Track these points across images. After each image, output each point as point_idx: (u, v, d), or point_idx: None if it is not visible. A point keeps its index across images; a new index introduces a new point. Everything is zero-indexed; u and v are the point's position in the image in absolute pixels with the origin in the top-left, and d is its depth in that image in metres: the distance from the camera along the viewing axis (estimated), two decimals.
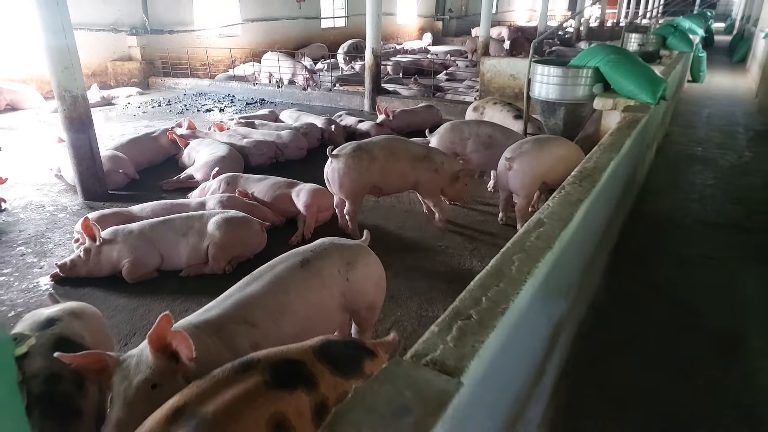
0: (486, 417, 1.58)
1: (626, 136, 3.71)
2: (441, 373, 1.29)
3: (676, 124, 9.28)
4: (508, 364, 1.73)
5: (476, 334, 1.46)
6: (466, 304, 1.61)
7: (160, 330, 1.78)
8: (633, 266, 4.27)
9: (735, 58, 18.66)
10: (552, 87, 5.22)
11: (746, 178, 6.44)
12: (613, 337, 3.36)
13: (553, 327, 2.35)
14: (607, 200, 3.33)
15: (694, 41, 13.97)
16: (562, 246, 2.13)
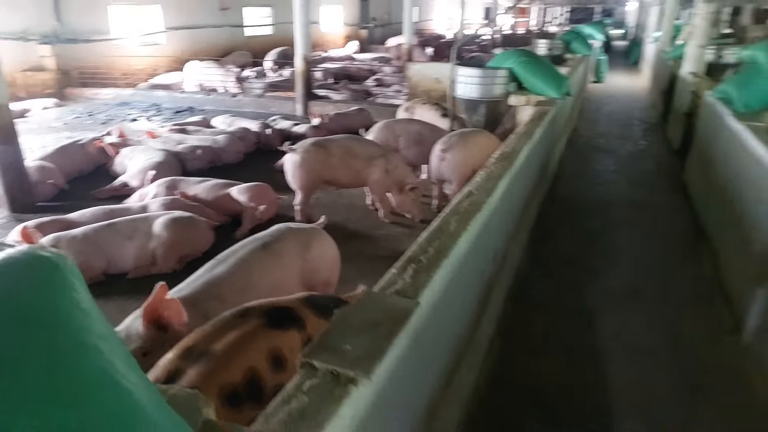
0: (440, 335, 1.95)
1: (537, 126, 4.27)
2: (403, 298, 1.64)
3: (583, 119, 10.28)
4: (454, 299, 2.11)
5: (427, 272, 1.82)
6: (417, 253, 1.97)
7: (156, 301, 1.99)
8: (549, 240, 4.86)
9: (630, 60, 20.66)
10: (473, 87, 5.76)
11: (641, 164, 7.36)
12: (534, 299, 3.87)
13: (485, 283, 2.77)
14: (524, 180, 3.84)
15: (595, 46, 15.41)
16: (489, 211, 2.55)
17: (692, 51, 8.27)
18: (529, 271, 4.28)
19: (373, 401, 1.33)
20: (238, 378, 1.59)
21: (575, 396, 2.90)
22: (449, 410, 2.28)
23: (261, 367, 1.65)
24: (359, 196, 5.47)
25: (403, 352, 1.50)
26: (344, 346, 1.38)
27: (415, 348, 1.63)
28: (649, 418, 2.73)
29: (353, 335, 1.43)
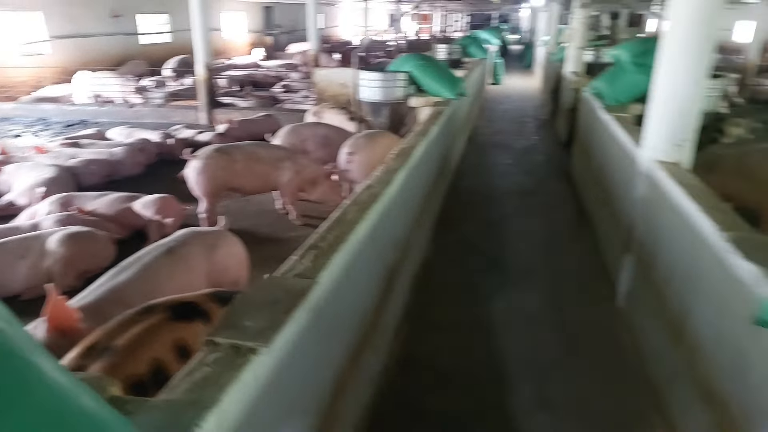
0: (343, 315, 2.10)
1: (433, 124, 4.57)
2: (302, 279, 1.77)
3: (482, 118, 10.94)
4: (356, 282, 2.27)
5: (326, 256, 1.96)
6: (318, 240, 2.11)
7: (54, 305, 1.96)
8: (453, 229, 5.19)
9: (525, 63, 22.18)
10: (375, 90, 6.01)
11: (533, 157, 8.02)
12: (439, 283, 4.15)
13: (388, 269, 2.96)
14: (422, 174, 4.10)
15: (491, 50, 16.42)
16: (387, 202, 2.74)
17: (572, 52, 9.13)
18: (435, 257, 4.57)
19: (275, 368, 1.45)
20: (142, 369, 1.64)
21: (473, 366, 3.18)
22: (358, 386, 2.43)
23: (166, 359, 1.71)
24: (268, 202, 5.50)
25: (303, 326, 1.63)
26: (245, 323, 1.48)
27: (317, 323, 1.77)
28: (537, 379, 3.06)
29: (253, 313, 1.54)
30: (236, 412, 1.25)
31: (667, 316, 2.79)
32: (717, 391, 2.14)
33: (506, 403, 2.86)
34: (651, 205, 3.33)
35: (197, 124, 9.35)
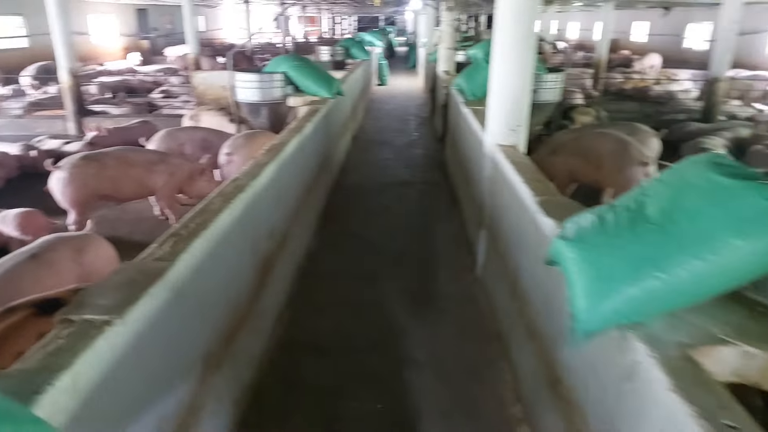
0: (209, 296, 2.26)
1: (307, 122, 4.81)
2: (160, 261, 1.91)
3: (368, 118, 11.38)
4: (220, 267, 2.43)
5: (185, 242, 2.12)
6: (179, 228, 2.25)
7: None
8: (337, 221, 5.48)
9: (409, 64, 23.16)
10: (253, 91, 6.09)
11: (413, 151, 8.56)
12: (323, 270, 4.40)
13: (262, 257, 3.15)
14: (297, 168, 4.32)
15: (374, 52, 17.00)
16: (254, 193, 2.93)
17: (443, 53, 9.84)
18: (319, 247, 4.81)
19: (133, 339, 1.60)
20: (8, 364, 1.69)
21: (351, 339, 3.47)
22: (235, 367, 2.60)
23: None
24: (146, 209, 5.39)
25: (162, 303, 1.79)
26: (99, 301, 1.61)
27: (179, 302, 1.93)
28: (406, 344, 3.42)
29: (108, 293, 1.67)
30: (92, 375, 1.39)
31: (507, 277, 3.27)
32: (537, 327, 2.60)
33: (378, 368, 3.18)
34: (494, 183, 3.84)
35: (64, 134, 8.75)
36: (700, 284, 1.55)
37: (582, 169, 5.18)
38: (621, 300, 1.59)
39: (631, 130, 5.82)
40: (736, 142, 8.15)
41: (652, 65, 20.20)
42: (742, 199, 1.53)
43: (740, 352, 1.51)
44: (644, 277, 1.57)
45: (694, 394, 1.32)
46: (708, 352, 1.51)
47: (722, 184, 1.59)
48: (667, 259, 1.56)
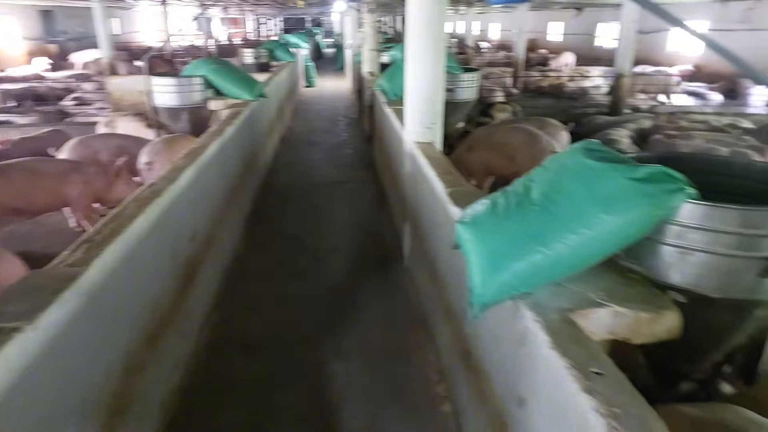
0: (127, 300, 2.25)
1: (229, 125, 4.79)
2: (72, 267, 1.90)
3: (296, 120, 11.35)
4: (138, 271, 2.42)
5: (99, 247, 2.11)
6: (92, 234, 2.23)
7: None
8: (266, 222, 5.49)
9: (337, 66, 23.22)
10: (172, 95, 5.96)
11: (343, 151, 8.66)
12: (252, 270, 4.42)
13: (184, 261, 3.14)
14: (220, 171, 4.31)
15: (301, 53, 16.93)
16: (171, 197, 2.92)
17: (366, 54, 10.01)
18: (247, 247, 4.82)
19: (47, 345, 1.59)
20: None
21: (280, 335, 3.53)
22: (160, 369, 2.60)
23: None
24: (61, 221, 5.15)
25: (76, 308, 1.79)
26: (7, 308, 1.60)
27: (94, 307, 1.92)
28: (337, 336, 3.52)
29: (17, 300, 1.65)
30: (4, 378, 1.39)
31: (428, 264, 3.45)
32: (452, 308, 2.79)
33: (308, 359, 3.26)
34: (414, 178, 4.02)
35: None
36: (578, 256, 1.77)
37: (497, 162, 5.50)
38: (511, 274, 1.78)
39: (542, 124, 6.23)
40: (640, 133, 8.88)
41: (566, 63, 21.49)
42: (608, 179, 1.76)
43: (612, 312, 1.74)
44: (529, 252, 1.77)
45: (570, 349, 1.52)
46: (585, 315, 1.72)
47: (592, 167, 1.82)
48: (548, 235, 1.77)
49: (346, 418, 2.80)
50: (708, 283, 1.78)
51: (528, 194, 1.92)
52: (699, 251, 1.77)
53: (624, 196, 1.70)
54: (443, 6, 3.86)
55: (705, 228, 1.73)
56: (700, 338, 1.93)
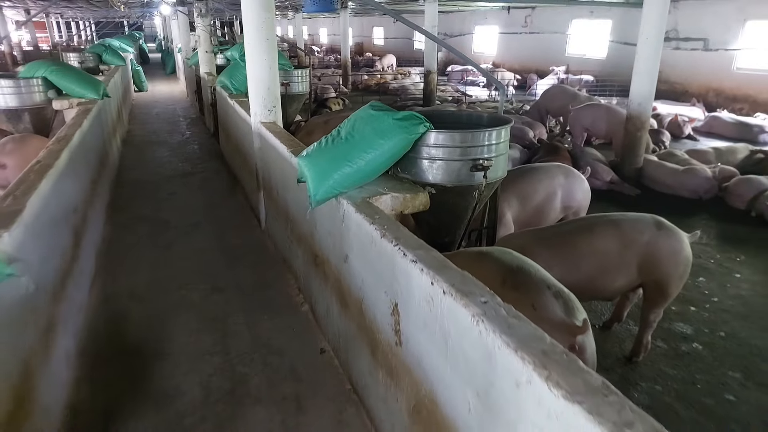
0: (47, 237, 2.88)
1: (84, 118, 5.21)
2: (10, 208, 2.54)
3: (134, 123, 11.34)
4: (45, 227, 3.04)
5: (25, 196, 2.73)
6: (11, 191, 2.81)
7: None
8: (125, 209, 5.95)
9: (167, 70, 22.60)
10: (10, 97, 6.02)
11: (189, 147, 9.14)
12: (121, 247, 4.96)
13: (71, 227, 3.70)
14: (84, 158, 4.78)
15: (128, 57, 16.39)
16: (59, 170, 3.49)
17: (202, 56, 10.51)
18: (113, 230, 5.30)
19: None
20: None
21: (162, 285, 4.24)
22: (68, 314, 3.22)
23: None
24: None
25: (21, 238, 2.45)
26: None
27: (33, 237, 2.57)
28: (212, 280, 4.34)
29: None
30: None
31: (282, 213, 4.45)
32: (300, 233, 3.84)
33: (190, 298, 4.05)
34: (263, 151, 4.97)
35: None
36: (370, 167, 2.94)
37: None
38: (332, 182, 2.90)
39: None
40: None
41: (390, 64, 23.80)
42: (382, 120, 2.96)
43: (391, 197, 2.94)
44: (341, 167, 2.90)
45: (366, 212, 2.66)
46: (377, 199, 2.89)
47: (373, 114, 3.02)
48: (351, 155, 2.91)
49: (232, 324, 3.69)
50: (444, 179, 3.09)
51: (339, 134, 3.06)
52: (439, 160, 3.06)
53: (391, 129, 2.92)
54: (273, 12, 4.86)
55: (440, 146, 3.02)
56: (448, 217, 3.26)
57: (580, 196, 4.35)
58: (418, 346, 2.12)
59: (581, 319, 2.37)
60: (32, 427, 2.30)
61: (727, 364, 3.48)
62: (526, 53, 20.80)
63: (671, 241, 3.19)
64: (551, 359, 1.39)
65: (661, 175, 7.16)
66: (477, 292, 1.76)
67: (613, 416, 1.20)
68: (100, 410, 2.87)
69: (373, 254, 2.51)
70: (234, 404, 2.93)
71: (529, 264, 2.65)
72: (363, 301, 2.71)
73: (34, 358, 2.45)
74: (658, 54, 6.97)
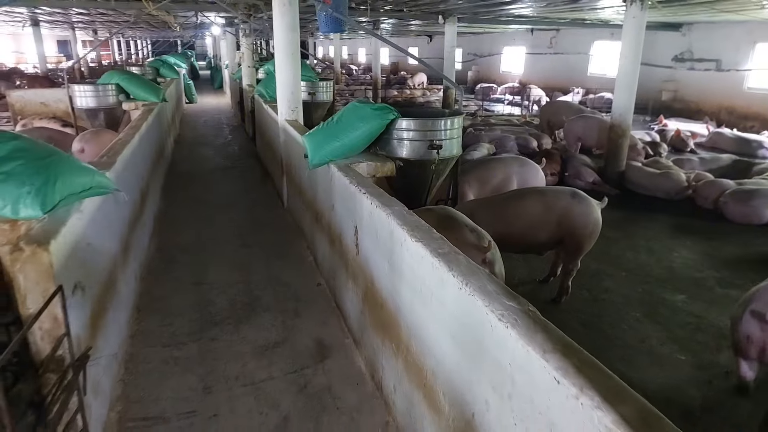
0: (126, 189, 4.14)
1: (149, 114, 6.59)
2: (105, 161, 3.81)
3: (184, 128, 12.92)
4: (131, 176, 4.30)
5: (113, 157, 3.99)
6: (105, 154, 4.09)
7: None
8: (178, 190, 7.27)
9: (215, 85, 24.62)
10: (90, 99, 7.52)
11: (230, 148, 10.55)
12: (173, 216, 6.25)
13: (141, 188, 4.98)
14: (149, 144, 6.12)
15: (181, 72, 18.27)
16: (133, 145, 4.78)
17: (245, 70, 12.01)
18: (167, 206, 6.61)
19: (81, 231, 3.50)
20: None
21: (203, 242, 5.47)
22: (136, 250, 4.46)
23: None
24: None
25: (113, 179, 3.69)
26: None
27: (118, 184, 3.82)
28: (242, 239, 5.54)
29: None
30: (74, 237, 3.31)
31: (296, 190, 5.63)
32: (309, 203, 5.00)
33: (225, 250, 5.26)
34: (286, 143, 6.20)
35: None
36: (353, 143, 4.08)
37: None
38: (324, 152, 4.05)
39: None
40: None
41: (421, 82, 25.09)
42: (363, 109, 4.11)
43: (367, 164, 4.06)
44: (332, 142, 4.05)
45: (345, 171, 3.78)
46: (356, 165, 4.01)
47: (357, 105, 4.18)
48: (339, 134, 4.07)
49: (253, 267, 4.86)
50: (409, 154, 4.19)
51: (333, 119, 4.24)
52: (405, 140, 4.18)
53: (369, 115, 4.06)
54: (297, 33, 6.13)
55: (405, 129, 4.14)
56: (413, 185, 4.35)
57: (535, 182, 5.35)
58: (366, 250, 3.22)
59: (487, 242, 3.40)
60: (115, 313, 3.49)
61: (634, 307, 4.40)
62: (550, 72, 21.67)
63: (582, 206, 4.17)
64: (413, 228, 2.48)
65: (640, 178, 8.00)
66: (393, 204, 2.86)
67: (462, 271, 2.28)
68: (157, 310, 4.07)
69: (346, 196, 3.63)
70: (249, 311, 4.08)
71: (457, 215, 3.70)
72: (341, 234, 3.83)
73: (118, 260, 3.66)
74: (636, 71, 7.87)
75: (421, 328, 2.39)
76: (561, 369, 1.41)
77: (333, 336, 3.76)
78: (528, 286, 4.87)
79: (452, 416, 2.11)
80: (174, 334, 3.75)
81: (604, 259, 5.34)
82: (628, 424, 1.19)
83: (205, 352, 3.53)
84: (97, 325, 2.87)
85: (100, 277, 3.10)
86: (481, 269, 2.10)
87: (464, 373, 1.99)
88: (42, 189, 2.55)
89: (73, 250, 2.58)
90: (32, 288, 2.25)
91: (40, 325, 2.25)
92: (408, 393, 2.61)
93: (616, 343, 3.89)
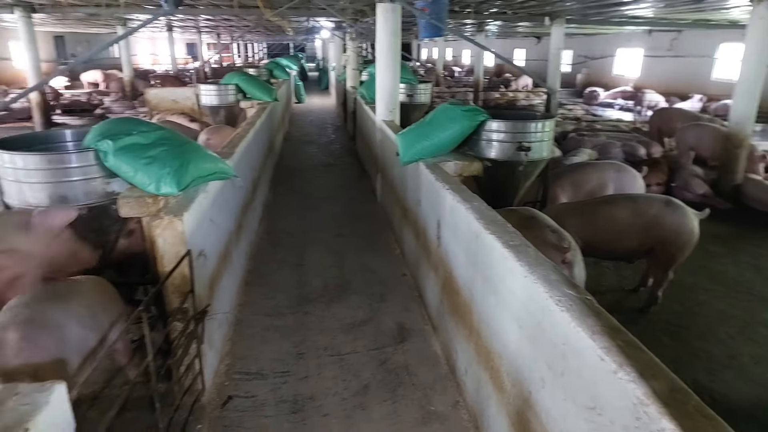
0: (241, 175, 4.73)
1: (262, 113, 7.30)
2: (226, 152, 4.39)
3: (293, 126, 13.90)
4: (245, 166, 4.89)
5: (233, 148, 4.58)
6: (225, 145, 4.70)
7: None
8: (283, 184, 7.96)
9: (322, 86, 25.99)
10: (213, 97, 8.46)
11: (332, 146, 11.23)
12: (279, 205, 6.88)
13: (252, 178, 5.61)
14: (261, 139, 6.80)
15: (292, 73, 19.60)
16: (248, 140, 5.40)
17: (350, 72, 12.67)
18: (274, 196, 7.29)
19: (206, 209, 4.05)
20: None
21: (305, 229, 5.99)
22: (246, 232, 5.05)
23: None
24: None
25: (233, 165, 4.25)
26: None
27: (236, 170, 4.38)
28: (337, 229, 5.99)
29: None
30: (204, 208, 3.85)
31: (390, 187, 5.97)
32: (399, 199, 5.31)
33: (322, 237, 5.74)
34: (382, 142, 6.57)
35: None
36: (443, 143, 4.32)
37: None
38: (415, 150, 4.33)
39: None
40: (562, 133, 11.63)
41: (525, 84, 24.57)
42: (453, 111, 4.34)
43: (454, 163, 4.28)
44: (422, 141, 4.32)
45: (435, 171, 4.03)
46: (444, 164, 4.24)
47: (447, 107, 4.41)
48: (431, 134, 4.32)
49: (348, 257, 5.27)
50: (498, 156, 4.34)
51: (425, 120, 4.50)
52: (495, 141, 4.34)
53: (458, 116, 4.28)
54: (399, 37, 6.47)
55: (494, 131, 4.29)
56: (500, 186, 4.49)
57: (632, 190, 5.21)
58: (447, 243, 3.45)
59: (567, 243, 3.48)
60: (228, 281, 4.02)
61: (728, 324, 4.17)
62: (669, 76, 20.18)
63: (676, 215, 4.05)
64: (496, 225, 2.67)
65: (758, 192, 7.36)
66: (473, 200, 3.07)
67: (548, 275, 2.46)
68: (262, 284, 4.60)
69: (431, 192, 3.88)
70: (341, 292, 4.48)
71: (539, 215, 3.78)
72: (426, 228, 4.09)
73: (233, 237, 4.21)
74: (760, 77, 7.24)
75: (491, 314, 2.58)
76: (605, 348, 1.55)
77: (414, 321, 4.03)
78: (616, 294, 4.79)
79: (513, 394, 2.28)
80: (275, 306, 4.24)
81: (702, 273, 5.07)
82: (657, 396, 1.33)
83: (300, 323, 3.97)
84: (214, 288, 3.39)
85: (218, 248, 3.63)
86: (548, 262, 2.25)
87: (526, 355, 2.16)
88: (179, 171, 3.09)
89: (199, 222, 3.09)
90: (168, 250, 2.76)
91: (172, 281, 2.76)
92: (477, 374, 2.80)
93: (699, 355, 3.75)
